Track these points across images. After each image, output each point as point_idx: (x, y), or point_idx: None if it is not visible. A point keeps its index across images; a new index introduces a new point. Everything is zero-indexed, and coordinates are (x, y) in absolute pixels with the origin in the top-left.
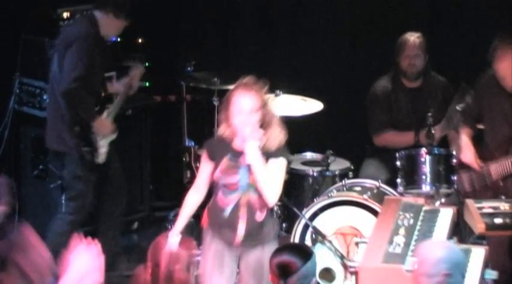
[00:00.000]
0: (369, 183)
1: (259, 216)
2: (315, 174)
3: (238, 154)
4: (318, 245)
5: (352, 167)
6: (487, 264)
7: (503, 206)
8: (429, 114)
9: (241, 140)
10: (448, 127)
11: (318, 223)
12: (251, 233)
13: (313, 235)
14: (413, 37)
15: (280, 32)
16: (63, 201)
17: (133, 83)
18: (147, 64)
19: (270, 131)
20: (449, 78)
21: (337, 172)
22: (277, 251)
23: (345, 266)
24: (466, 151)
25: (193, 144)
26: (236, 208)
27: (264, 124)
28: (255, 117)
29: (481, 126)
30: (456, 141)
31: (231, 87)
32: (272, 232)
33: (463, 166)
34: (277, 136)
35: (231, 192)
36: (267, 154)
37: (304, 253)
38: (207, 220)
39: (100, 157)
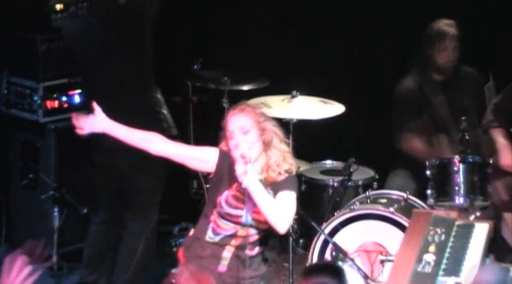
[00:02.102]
0: (396, 194)
1: (249, 252)
2: (335, 184)
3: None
4: (339, 263)
5: (377, 177)
6: None
7: None
8: (463, 118)
9: (236, 160)
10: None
11: (338, 239)
12: (235, 266)
13: (334, 253)
14: (450, 27)
15: (298, 28)
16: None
17: None
18: None
19: (271, 153)
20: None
21: (360, 182)
22: (308, 273)
23: None
24: (505, 154)
25: None
26: (230, 237)
27: (264, 146)
28: (249, 138)
29: None
30: (487, 144)
31: (242, 87)
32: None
33: (497, 173)
34: (281, 160)
35: (229, 222)
36: (274, 186)
37: (336, 272)
38: (185, 253)
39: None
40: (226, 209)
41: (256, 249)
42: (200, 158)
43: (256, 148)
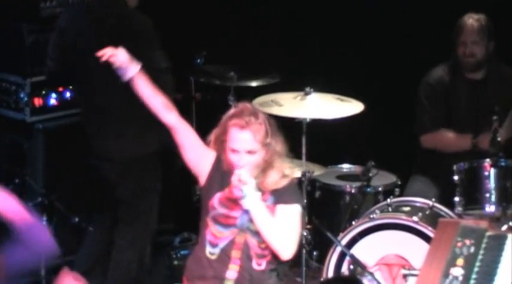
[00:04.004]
0: (420, 201)
1: (257, 266)
2: (353, 191)
3: None
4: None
5: (399, 182)
6: None
7: None
8: (495, 117)
9: (234, 182)
10: None
11: (357, 251)
12: None
13: (351, 266)
14: (472, 20)
15: (312, 18)
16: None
17: None
18: None
19: (270, 172)
20: None
21: (380, 189)
22: None
23: None
24: None
25: None
26: (229, 246)
27: (264, 165)
28: (253, 159)
29: None
30: None
31: (250, 83)
32: None
33: None
34: (279, 177)
35: (225, 227)
36: (275, 194)
37: None
38: (187, 275)
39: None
40: (220, 210)
41: (264, 263)
42: (201, 152)
43: (256, 169)
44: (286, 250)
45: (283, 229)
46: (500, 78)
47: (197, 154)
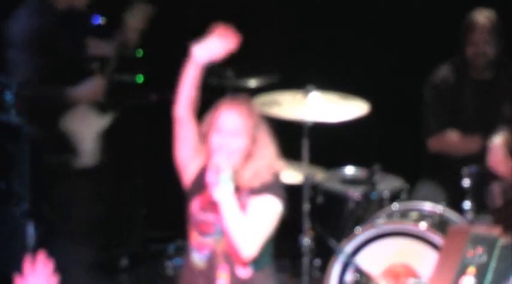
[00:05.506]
0: (429, 207)
1: (243, 273)
2: (357, 196)
3: None
4: None
5: (407, 187)
6: None
7: None
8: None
9: (211, 167)
10: None
11: (361, 260)
12: None
13: (356, 276)
14: (483, 17)
15: (314, 12)
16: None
17: (129, 36)
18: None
19: (253, 164)
20: None
21: (386, 194)
22: None
23: None
24: (495, 154)
25: None
26: (214, 254)
27: (247, 155)
28: (236, 144)
29: None
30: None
31: (249, 82)
32: None
33: (494, 176)
34: (262, 172)
35: (206, 235)
36: (253, 191)
37: None
38: (181, 281)
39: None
40: (200, 216)
41: (250, 269)
42: (194, 153)
43: (237, 157)
44: (246, 248)
45: (248, 225)
46: (508, 78)
47: (190, 154)
